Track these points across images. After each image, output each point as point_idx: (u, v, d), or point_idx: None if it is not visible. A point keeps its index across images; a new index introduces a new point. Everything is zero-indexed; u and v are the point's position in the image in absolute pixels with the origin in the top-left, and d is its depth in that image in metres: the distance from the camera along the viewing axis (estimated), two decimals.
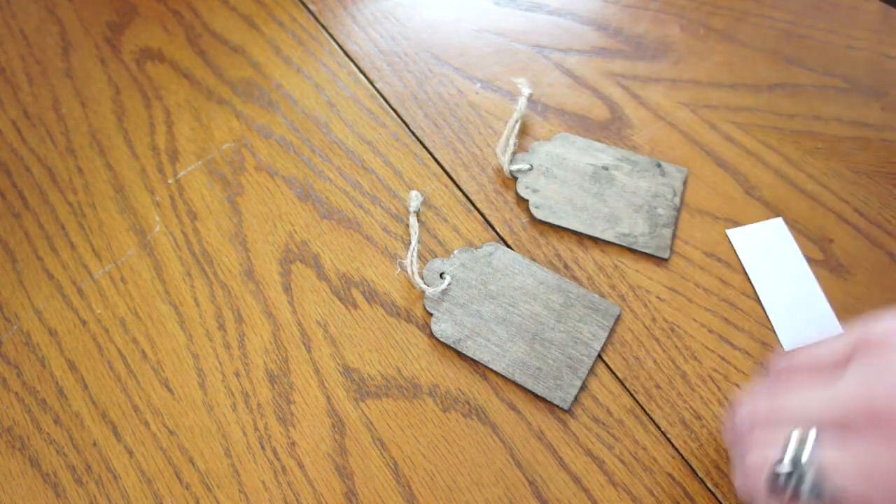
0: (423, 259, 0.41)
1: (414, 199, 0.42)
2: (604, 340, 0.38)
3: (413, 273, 0.39)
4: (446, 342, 0.38)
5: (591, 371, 0.38)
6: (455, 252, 0.41)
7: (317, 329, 0.39)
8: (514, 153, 0.43)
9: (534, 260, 0.40)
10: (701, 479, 0.35)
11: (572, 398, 0.36)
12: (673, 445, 0.36)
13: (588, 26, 0.49)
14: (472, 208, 0.42)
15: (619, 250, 0.41)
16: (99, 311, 0.40)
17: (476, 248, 0.41)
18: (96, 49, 0.49)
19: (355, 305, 0.40)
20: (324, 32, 0.49)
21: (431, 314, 0.39)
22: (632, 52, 0.47)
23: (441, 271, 0.40)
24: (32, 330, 0.40)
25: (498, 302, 0.39)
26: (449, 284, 0.39)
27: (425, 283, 0.39)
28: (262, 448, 0.36)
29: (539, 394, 0.37)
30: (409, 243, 0.41)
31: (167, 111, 0.46)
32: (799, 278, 0.32)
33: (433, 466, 0.36)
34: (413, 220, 0.41)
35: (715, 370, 0.37)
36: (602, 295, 0.39)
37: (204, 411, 0.37)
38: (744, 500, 0.27)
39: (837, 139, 0.44)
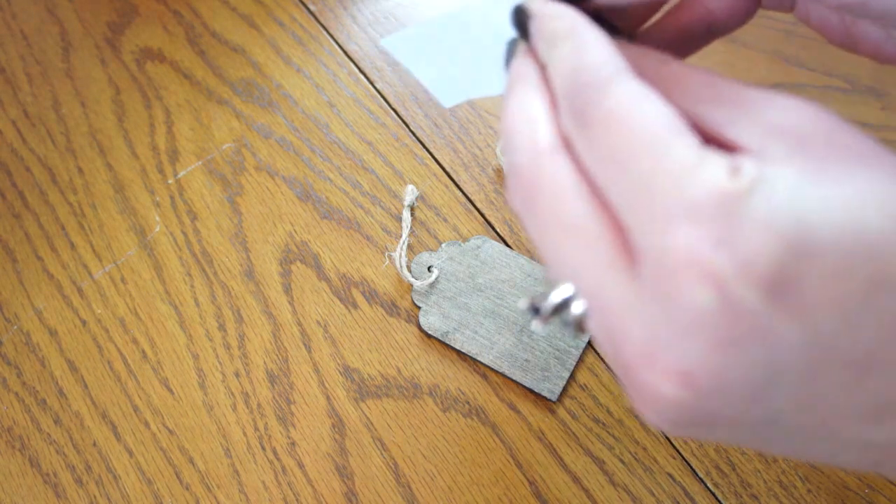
0: (416, 254, 0.41)
1: (409, 193, 0.42)
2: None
3: (401, 266, 0.40)
4: (434, 335, 0.38)
5: (590, 370, 0.38)
6: (443, 245, 0.41)
7: (317, 329, 0.39)
8: None
9: (528, 255, 0.40)
10: (701, 479, 0.35)
11: (560, 389, 0.36)
12: (673, 445, 0.36)
13: None
14: (472, 208, 0.42)
15: None
16: (99, 311, 0.40)
17: (464, 242, 0.41)
18: (96, 49, 0.49)
19: (355, 306, 0.40)
20: (324, 33, 0.49)
21: (419, 307, 0.39)
22: None
23: (429, 264, 0.40)
24: (32, 330, 0.40)
25: (486, 294, 0.39)
26: (437, 278, 0.39)
27: (413, 277, 0.40)
28: (263, 448, 0.36)
29: (527, 385, 0.37)
30: (400, 236, 0.41)
31: (167, 111, 0.46)
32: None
33: (433, 466, 0.36)
34: (406, 214, 0.41)
35: None
36: None
37: (204, 411, 0.37)
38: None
39: None
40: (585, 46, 0.18)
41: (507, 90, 0.21)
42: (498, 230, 0.42)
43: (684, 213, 0.15)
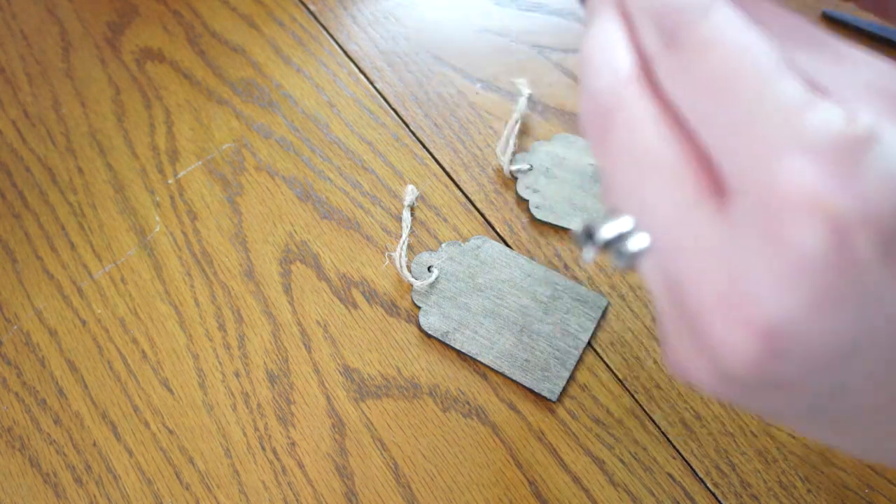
0: (416, 254, 0.41)
1: (409, 193, 0.42)
2: (591, 332, 0.38)
3: (401, 266, 0.40)
4: (434, 335, 0.38)
5: (590, 370, 0.38)
6: (443, 245, 0.41)
7: (317, 329, 0.39)
8: (514, 153, 0.43)
9: (528, 255, 0.40)
10: (701, 479, 0.35)
11: (560, 389, 0.37)
12: (673, 445, 0.36)
13: None
14: (472, 208, 0.42)
15: None
16: (99, 311, 0.40)
17: (464, 242, 0.41)
18: (96, 49, 0.49)
19: (355, 305, 0.40)
20: (324, 33, 0.50)
21: (419, 307, 0.39)
22: None
23: (429, 264, 0.40)
24: (32, 330, 0.40)
25: (486, 294, 0.39)
26: (437, 278, 0.39)
27: (413, 277, 0.40)
28: (263, 448, 0.36)
29: (527, 385, 0.37)
30: (400, 236, 0.41)
31: (167, 111, 0.46)
32: None
33: (433, 466, 0.36)
34: (406, 214, 0.41)
35: None
36: (602, 294, 0.39)
37: (204, 411, 0.37)
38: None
39: None
40: None
41: (587, 19, 0.19)
42: (498, 230, 0.42)
43: (800, 147, 0.13)
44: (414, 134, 0.45)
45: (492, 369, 0.37)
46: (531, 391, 0.37)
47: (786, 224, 0.13)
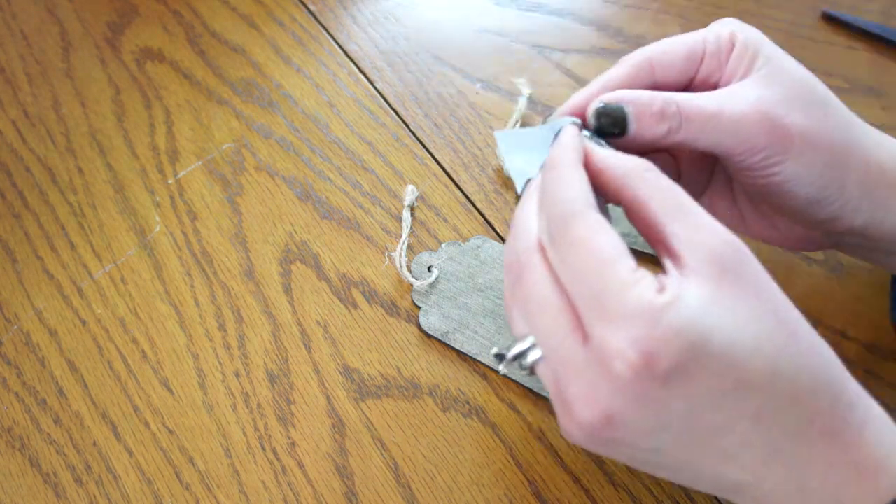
0: (416, 254, 0.41)
1: (409, 193, 0.42)
2: None
3: (401, 266, 0.40)
4: (434, 335, 0.38)
5: None
6: (443, 245, 0.41)
7: (317, 329, 0.39)
8: None
9: None
10: None
11: None
12: None
13: (588, 26, 0.49)
14: (472, 208, 0.42)
15: None
16: (99, 311, 0.40)
17: (464, 242, 0.41)
18: (96, 49, 0.49)
19: (355, 305, 0.40)
20: (324, 33, 0.50)
21: (419, 307, 0.39)
22: None
23: (429, 264, 0.40)
24: (32, 330, 0.40)
25: (486, 294, 0.39)
26: (437, 278, 0.39)
27: (413, 277, 0.40)
28: (263, 448, 0.36)
29: (527, 385, 0.37)
30: (400, 236, 0.41)
31: (167, 111, 0.46)
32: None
33: (433, 466, 0.36)
34: (406, 214, 0.41)
35: None
36: None
37: (204, 411, 0.37)
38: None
39: None
40: (564, 180, 0.26)
41: (522, 196, 0.28)
42: (498, 230, 0.42)
43: (620, 319, 0.23)
44: (414, 134, 0.45)
45: (492, 369, 0.37)
46: (531, 391, 0.37)
47: (611, 363, 0.23)
